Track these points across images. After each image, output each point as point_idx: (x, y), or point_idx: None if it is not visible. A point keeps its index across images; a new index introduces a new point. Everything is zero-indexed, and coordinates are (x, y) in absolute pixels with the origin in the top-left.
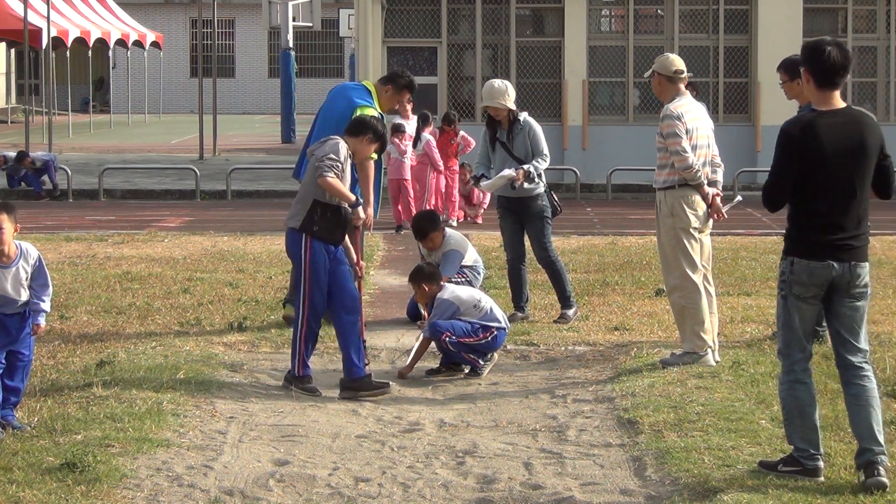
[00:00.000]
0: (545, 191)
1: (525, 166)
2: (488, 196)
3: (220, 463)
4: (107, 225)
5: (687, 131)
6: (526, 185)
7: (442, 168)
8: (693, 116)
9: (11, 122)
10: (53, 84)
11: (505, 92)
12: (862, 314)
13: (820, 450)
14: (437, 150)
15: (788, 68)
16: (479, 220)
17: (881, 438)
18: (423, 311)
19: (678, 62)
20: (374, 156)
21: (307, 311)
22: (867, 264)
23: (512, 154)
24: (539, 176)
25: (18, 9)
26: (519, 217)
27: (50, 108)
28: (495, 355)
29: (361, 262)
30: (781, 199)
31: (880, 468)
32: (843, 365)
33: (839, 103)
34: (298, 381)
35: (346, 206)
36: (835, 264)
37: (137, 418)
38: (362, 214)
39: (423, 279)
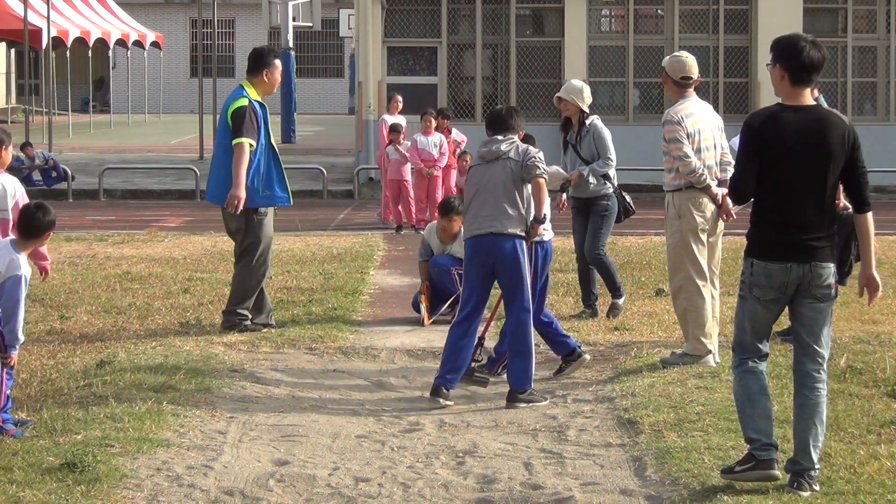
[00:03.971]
0: (614, 192)
1: (582, 169)
2: None
3: (220, 463)
4: (107, 225)
5: (689, 135)
6: (592, 186)
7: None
8: (695, 119)
9: (11, 122)
10: (53, 84)
11: (581, 91)
12: (825, 317)
13: (773, 440)
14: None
15: None
16: None
17: (814, 456)
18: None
19: (688, 69)
20: (252, 142)
21: (530, 317)
22: (831, 265)
23: (580, 156)
24: (607, 177)
25: (18, 9)
26: (587, 216)
27: (50, 108)
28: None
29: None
30: (746, 192)
31: (803, 482)
32: (798, 370)
33: (808, 101)
34: (532, 394)
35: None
36: (794, 265)
37: (137, 418)
38: (541, 229)
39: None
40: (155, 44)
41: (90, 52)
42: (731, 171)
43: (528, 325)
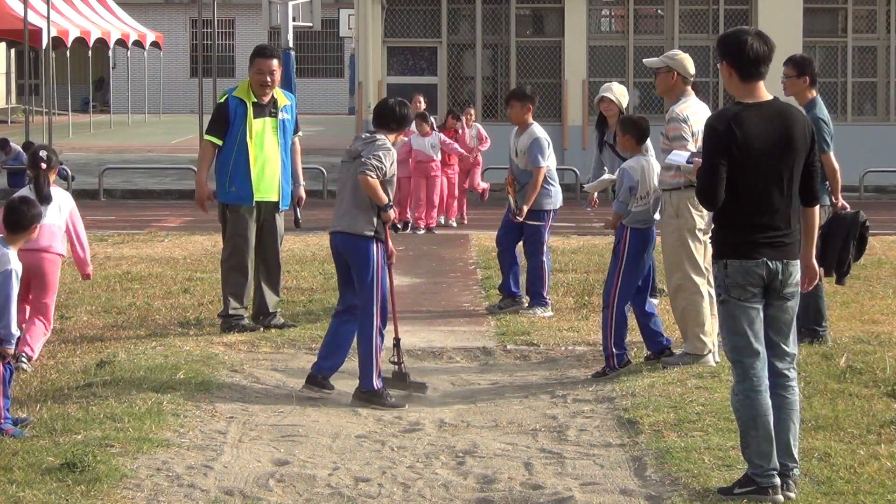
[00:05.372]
0: None
1: None
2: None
3: (220, 463)
4: (107, 225)
5: (693, 134)
6: None
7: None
8: (699, 118)
9: (11, 122)
10: (53, 84)
11: (625, 94)
12: (792, 316)
13: (775, 465)
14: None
15: (798, 64)
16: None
17: (795, 454)
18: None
19: (692, 64)
20: (214, 140)
21: (380, 319)
22: (798, 262)
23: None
24: None
25: (18, 9)
26: None
27: (50, 108)
28: None
29: (392, 249)
30: (719, 198)
31: (790, 482)
32: (770, 370)
33: (765, 95)
34: (377, 397)
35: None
36: (769, 262)
37: (137, 418)
38: (392, 215)
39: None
40: (155, 44)
41: (90, 52)
42: None
43: (370, 329)
